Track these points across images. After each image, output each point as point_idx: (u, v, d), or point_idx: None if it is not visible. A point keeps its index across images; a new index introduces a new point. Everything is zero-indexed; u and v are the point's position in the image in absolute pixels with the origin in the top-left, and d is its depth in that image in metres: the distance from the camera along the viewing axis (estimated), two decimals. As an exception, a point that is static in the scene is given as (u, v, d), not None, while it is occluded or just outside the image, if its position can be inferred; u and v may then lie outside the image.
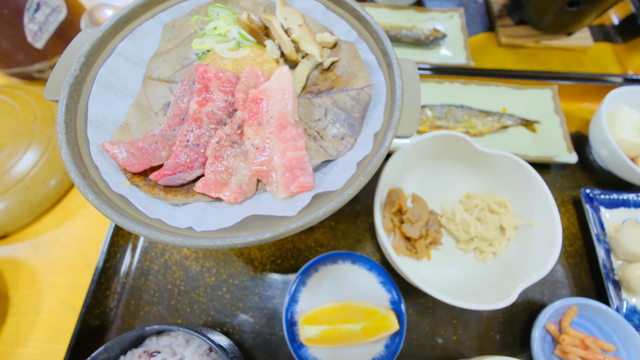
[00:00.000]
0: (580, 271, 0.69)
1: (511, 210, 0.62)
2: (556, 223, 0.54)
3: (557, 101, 0.82)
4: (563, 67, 0.93)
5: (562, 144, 0.77)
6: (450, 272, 0.63)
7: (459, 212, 0.64)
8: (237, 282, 0.67)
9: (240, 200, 0.41)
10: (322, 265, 0.65)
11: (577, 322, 0.63)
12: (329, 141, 0.46)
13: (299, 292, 0.63)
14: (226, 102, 0.45)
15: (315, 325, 0.56)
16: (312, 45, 0.50)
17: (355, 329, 0.55)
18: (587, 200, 0.71)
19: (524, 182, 0.59)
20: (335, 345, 0.56)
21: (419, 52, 0.90)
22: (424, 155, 0.67)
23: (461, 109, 0.79)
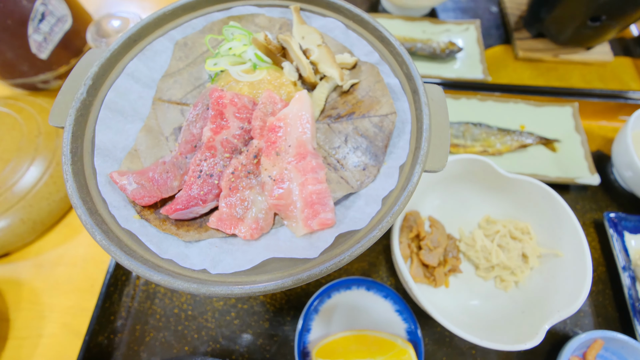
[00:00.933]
0: (604, 299, 0.66)
1: (534, 238, 0.60)
2: (586, 255, 0.51)
3: (578, 119, 0.79)
4: (583, 83, 0.90)
5: (584, 164, 0.74)
6: (469, 301, 0.60)
7: (479, 238, 0.61)
8: (246, 306, 0.65)
9: (257, 236, 0.39)
10: (335, 292, 0.62)
11: (602, 355, 0.60)
12: (349, 171, 0.43)
13: (312, 320, 0.60)
14: (242, 129, 0.43)
15: (330, 358, 0.54)
16: (331, 67, 0.47)
17: (372, 365, 0.53)
18: (611, 225, 0.69)
19: (550, 209, 0.57)
20: (351, 380, 0.54)
21: (434, 65, 0.88)
22: (442, 178, 0.65)
23: (479, 127, 0.76)
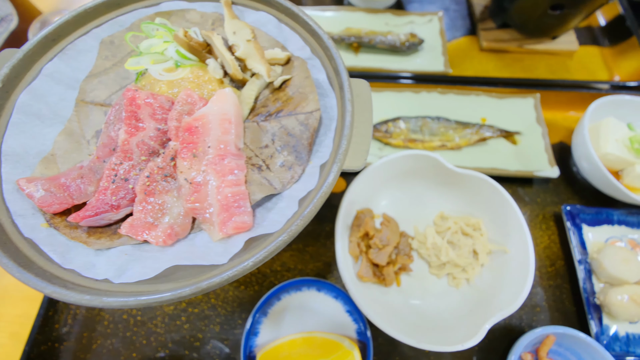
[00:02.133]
0: (561, 294, 0.66)
1: (485, 234, 0.59)
2: (529, 253, 0.50)
3: (539, 110, 0.78)
4: (548, 73, 0.89)
5: (544, 156, 0.73)
6: (421, 300, 0.59)
7: (430, 235, 0.60)
8: (197, 310, 0.64)
9: (171, 242, 0.37)
10: (285, 294, 0.61)
11: (556, 350, 0.59)
12: (275, 172, 0.41)
13: (260, 324, 0.59)
14: (159, 130, 0.41)
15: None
16: (259, 63, 0.45)
17: (314, 368, 0.51)
18: (569, 217, 0.67)
19: (498, 204, 0.56)
20: (295, 384, 0.53)
21: (395, 59, 0.86)
22: (395, 174, 0.63)
23: (437, 120, 0.74)
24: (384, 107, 0.78)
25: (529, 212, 0.72)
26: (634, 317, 0.57)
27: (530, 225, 0.71)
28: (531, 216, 0.72)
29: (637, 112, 0.72)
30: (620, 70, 0.88)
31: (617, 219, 0.68)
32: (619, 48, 0.90)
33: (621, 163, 0.68)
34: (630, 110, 0.72)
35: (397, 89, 0.80)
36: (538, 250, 0.69)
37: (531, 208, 0.73)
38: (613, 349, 0.58)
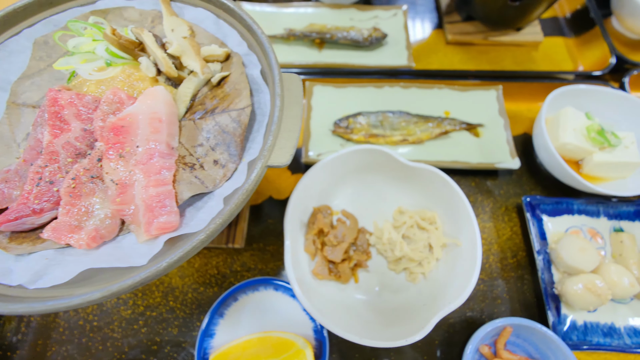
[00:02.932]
0: (522, 285, 0.65)
1: (440, 228, 0.58)
2: (477, 246, 0.49)
3: (502, 102, 0.77)
4: (514, 65, 0.88)
5: (506, 148, 0.73)
6: (380, 296, 0.59)
7: (386, 230, 0.60)
8: (155, 314, 0.63)
9: (96, 245, 0.36)
10: (242, 294, 0.60)
11: (514, 342, 0.59)
12: (208, 170, 0.41)
13: (215, 325, 0.58)
14: (85, 131, 0.40)
15: (224, 364, 0.52)
16: (194, 59, 0.44)
17: (264, 368, 0.51)
18: (528, 208, 0.67)
19: (450, 197, 0.55)
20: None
21: (359, 54, 0.85)
22: (352, 170, 0.63)
23: (398, 115, 0.74)
24: (347, 103, 0.77)
25: (492, 204, 0.72)
26: (590, 306, 0.57)
27: (493, 217, 0.71)
28: (494, 208, 0.72)
29: (595, 101, 0.72)
30: (584, 61, 0.88)
31: (577, 209, 0.68)
32: (583, 38, 0.91)
33: (580, 152, 0.68)
34: (589, 99, 0.72)
35: (360, 84, 0.79)
36: (500, 242, 0.69)
37: (494, 200, 0.72)
38: (570, 338, 0.58)
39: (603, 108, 0.73)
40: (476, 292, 0.65)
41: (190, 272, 0.66)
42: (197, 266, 0.66)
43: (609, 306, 0.61)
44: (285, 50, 0.85)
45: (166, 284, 0.65)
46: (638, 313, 0.61)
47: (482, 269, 0.66)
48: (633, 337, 0.59)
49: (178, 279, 0.65)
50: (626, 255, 0.62)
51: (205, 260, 0.67)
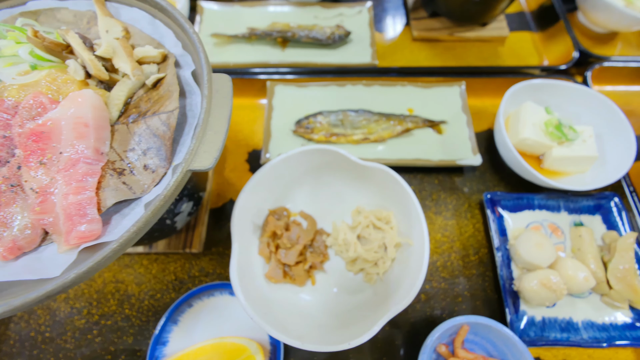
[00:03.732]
0: (483, 282, 0.65)
1: (396, 227, 0.57)
2: (424, 246, 0.49)
3: (465, 99, 0.77)
4: (480, 60, 0.88)
5: (468, 145, 0.72)
6: (337, 297, 0.58)
7: (341, 231, 0.59)
8: (109, 322, 0.61)
9: (13, 256, 0.35)
10: (197, 300, 0.59)
11: (472, 340, 0.58)
12: (139, 175, 0.39)
13: (169, 332, 0.57)
14: (4, 138, 0.38)
15: (173, 373, 0.51)
16: (125, 61, 0.43)
17: (212, 376, 0.50)
18: (489, 205, 0.67)
19: (402, 196, 0.54)
20: (197, 393, 0.51)
21: (323, 52, 0.84)
22: (308, 170, 0.62)
23: (359, 113, 0.73)
24: (309, 102, 0.76)
25: (455, 201, 0.72)
26: (546, 302, 0.57)
27: (456, 214, 0.71)
28: (457, 205, 0.71)
29: (556, 96, 0.72)
30: (549, 55, 0.88)
31: (538, 204, 0.68)
32: (549, 33, 0.90)
33: (540, 147, 0.68)
34: (550, 94, 0.72)
35: (323, 83, 0.78)
36: (462, 239, 0.69)
37: (457, 197, 0.72)
38: (528, 335, 0.58)
39: (564, 102, 0.73)
40: (437, 290, 0.64)
41: (147, 278, 0.65)
42: (154, 272, 0.65)
43: (567, 301, 0.61)
44: (247, 50, 0.84)
45: (122, 291, 0.64)
46: (595, 307, 0.61)
47: (444, 267, 0.66)
48: (590, 332, 0.59)
49: (134, 286, 0.64)
50: (584, 249, 0.62)
51: (162, 266, 0.65)
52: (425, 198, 0.72)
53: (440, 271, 0.66)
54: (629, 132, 0.65)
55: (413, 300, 0.63)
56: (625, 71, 0.83)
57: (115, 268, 0.65)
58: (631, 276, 0.57)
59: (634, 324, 0.59)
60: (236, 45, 0.84)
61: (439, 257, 0.67)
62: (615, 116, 0.68)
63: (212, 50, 0.83)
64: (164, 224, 0.53)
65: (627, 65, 0.82)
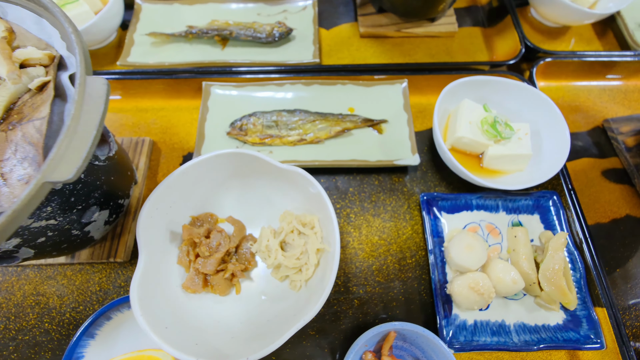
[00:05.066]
0: (419, 285, 0.64)
1: (319, 232, 0.56)
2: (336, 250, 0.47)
3: (407, 97, 0.75)
4: (428, 57, 0.86)
5: (407, 144, 0.71)
6: (260, 306, 0.56)
7: (264, 237, 0.57)
8: (27, 337, 0.59)
9: None
10: (116, 312, 0.57)
11: (402, 346, 0.57)
12: (11, 187, 0.37)
13: (84, 347, 0.54)
14: None
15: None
16: (1, 64, 0.40)
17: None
18: (425, 206, 0.65)
19: (318, 199, 0.52)
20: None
21: (264, 51, 0.81)
22: (233, 174, 0.59)
23: (294, 113, 0.71)
24: (247, 103, 0.74)
25: (394, 202, 0.70)
26: (474, 305, 0.56)
27: (394, 216, 0.69)
28: (396, 207, 0.69)
29: (497, 93, 0.71)
30: (499, 50, 0.87)
31: (476, 204, 0.67)
32: (498, 28, 0.89)
33: (478, 146, 0.66)
34: (490, 91, 0.71)
35: (260, 83, 0.75)
36: (400, 241, 0.67)
37: (397, 198, 0.70)
38: (458, 339, 0.57)
39: (504, 99, 0.71)
40: (372, 295, 0.63)
41: (70, 290, 0.62)
42: (77, 284, 0.62)
43: (500, 303, 0.60)
44: (186, 49, 0.81)
45: (42, 304, 0.61)
46: (528, 309, 0.59)
47: (379, 271, 0.64)
48: (521, 335, 0.57)
49: (56, 299, 0.61)
50: (519, 250, 0.61)
51: (87, 276, 0.63)
52: (364, 200, 0.70)
53: (376, 275, 0.64)
54: (564, 129, 0.64)
55: (346, 306, 0.62)
56: (572, 66, 0.82)
57: (36, 280, 0.62)
58: (560, 278, 0.56)
59: (565, 325, 0.58)
60: (175, 45, 0.81)
61: (375, 260, 0.65)
62: (552, 113, 0.66)
63: (149, 50, 0.80)
64: (70, 234, 0.50)
65: (573, 60, 0.81)
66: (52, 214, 0.43)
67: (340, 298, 0.62)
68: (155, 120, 0.76)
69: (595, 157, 0.76)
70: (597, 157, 0.76)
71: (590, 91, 0.83)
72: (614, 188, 0.73)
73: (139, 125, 0.76)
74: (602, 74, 0.83)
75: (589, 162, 0.75)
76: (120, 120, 0.76)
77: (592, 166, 0.75)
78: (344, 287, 0.63)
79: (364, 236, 0.67)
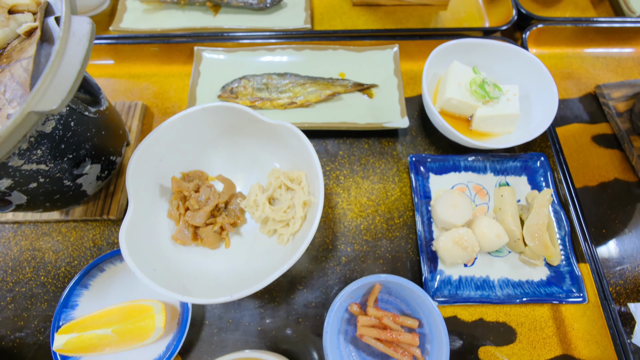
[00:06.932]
0: (406, 244, 0.65)
1: (306, 187, 0.57)
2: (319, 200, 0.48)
3: (397, 62, 0.75)
4: (420, 25, 0.86)
5: (397, 108, 0.71)
6: (249, 260, 0.57)
7: (252, 193, 0.58)
8: (24, 289, 0.61)
9: None
10: (109, 264, 0.58)
11: (387, 299, 0.58)
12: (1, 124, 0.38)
13: (78, 297, 0.56)
14: None
15: (71, 332, 0.50)
16: (-12, 8, 0.41)
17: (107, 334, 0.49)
18: (413, 167, 0.66)
19: (305, 153, 0.53)
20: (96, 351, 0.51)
21: (256, 17, 0.81)
22: (221, 132, 0.60)
23: (284, 77, 0.71)
24: (238, 68, 0.74)
25: (384, 165, 0.71)
26: (459, 260, 0.57)
27: (383, 178, 0.70)
28: (385, 169, 0.70)
29: (487, 57, 0.71)
30: (492, 18, 0.86)
31: (464, 166, 0.67)
32: (492, -5, 0.88)
33: (467, 108, 0.67)
34: (481, 54, 0.70)
35: (251, 48, 0.76)
36: (388, 202, 0.68)
37: (386, 161, 0.71)
38: (442, 293, 0.58)
39: (494, 63, 0.71)
40: (359, 253, 0.64)
41: (65, 246, 0.64)
42: (72, 240, 0.64)
43: (485, 260, 0.61)
44: (178, 16, 0.81)
45: (38, 259, 0.63)
46: (513, 266, 0.60)
47: (367, 230, 0.65)
48: (505, 289, 0.59)
49: (52, 254, 0.63)
50: (505, 208, 0.62)
51: (81, 233, 0.64)
52: (353, 163, 0.71)
53: (364, 234, 0.65)
54: (552, 89, 0.64)
55: (334, 262, 0.63)
56: (565, 33, 0.81)
57: (32, 236, 0.64)
58: (544, 232, 0.57)
59: (549, 280, 0.59)
60: (167, 12, 0.81)
61: (363, 220, 0.66)
62: (541, 75, 0.66)
63: (141, 16, 0.80)
64: (62, 185, 0.51)
65: (566, 26, 0.80)
66: (42, 158, 0.45)
67: (328, 255, 0.64)
68: (148, 86, 0.77)
69: (586, 123, 0.76)
70: (587, 123, 0.76)
71: (583, 59, 0.83)
72: (603, 153, 0.73)
73: (131, 90, 0.77)
74: (595, 41, 0.83)
75: (579, 127, 0.75)
76: (113, 86, 0.77)
77: (582, 132, 0.75)
78: (332, 245, 0.64)
79: (353, 197, 0.68)
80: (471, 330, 0.59)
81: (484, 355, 0.57)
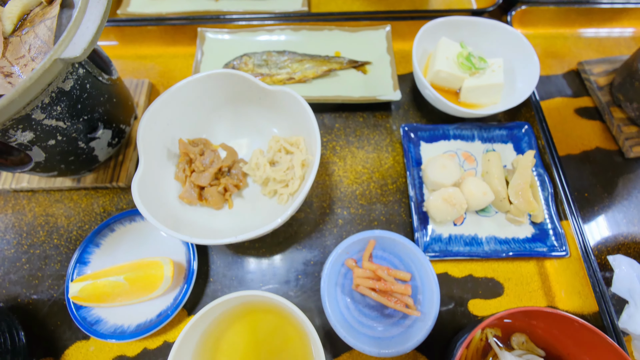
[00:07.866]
0: (399, 207, 0.68)
1: (304, 150, 0.60)
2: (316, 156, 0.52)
3: (390, 41, 0.80)
4: (411, 6, 0.90)
5: (390, 82, 0.75)
6: (252, 220, 0.61)
7: (254, 156, 0.62)
8: (38, 251, 0.64)
9: None
10: (119, 225, 0.62)
11: (381, 255, 0.62)
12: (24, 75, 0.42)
13: (90, 254, 0.60)
14: None
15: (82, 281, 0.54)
16: (13, -24, 0.45)
17: (119, 281, 0.53)
18: (405, 135, 0.70)
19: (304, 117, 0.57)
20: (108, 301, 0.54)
21: (256, 2, 0.86)
22: (224, 101, 0.64)
23: (283, 54, 0.75)
24: (239, 48, 0.79)
25: (377, 136, 0.75)
26: (448, 217, 0.60)
27: (377, 148, 0.74)
28: (379, 140, 0.74)
29: (474, 34, 0.75)
30: (478, 0, 0.91)
31: (453, 134, 0.71)
32: (480, -20, 0.93)
33: (454, 80, 0.71)
34: (468, 32, 0.75)
35: (252, 29, 0.80)
36: (382, 170, 0.72)
37: (380, 133, 0.75)
38: (433, 249, 0.61)
39: (480, 40, 0.75)
40: (354, 216, 0.67)
41: (77, 211, 0.67)
42: (83, 206, 0.68)
43: (474, 220, 0.65)
44: (183, 1, 0.86)
45: (51, 224, 0.66)
46: (500, 224, 0.64)
47: (362, 195, 0.69)
48: (492, 245, 0.62)
49: (64, 219, 0.67)
50: (492, 171, 0.66)
51: (92, 200, 0.68)
52: (349, 134, 0.75)
53: (359, 199, 0.69)
54: (534, 60, 0.68)
55: (331, 225, 0.67)
56: (549, 14, 0.86)
57: (45, 203, 0.68)
58: (527, 190, 0.61)
59: (534, 237, 0.63)
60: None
61: (358, 186, 0.70)
62: (524, 49, 0.71)
63: (147, 1, 0.85)
64: (77, 146, 0.55)
65: (550, 7, 0.85)
66: (61, 115, 0.48)
67: (325, 218, 0.67)
68: (153, 66, 0.81)
69: (569, 97, 0.80)
70: (570, 97, 0.80)
71: (566, 38, 0.88)
72: (585, 124, 0.77)
73: (138, 70, 0.81)
74: (578, 22, 0.87)
75: (563, 101, 0.80)
76: (121, 66, 0.81)
77: (565, 105, 0.79)
78: (329, 209, 0.68)
79: (349, 165, 0.72)
80: (461, 285, 0.62)
81: (473, 308, 0.61)
